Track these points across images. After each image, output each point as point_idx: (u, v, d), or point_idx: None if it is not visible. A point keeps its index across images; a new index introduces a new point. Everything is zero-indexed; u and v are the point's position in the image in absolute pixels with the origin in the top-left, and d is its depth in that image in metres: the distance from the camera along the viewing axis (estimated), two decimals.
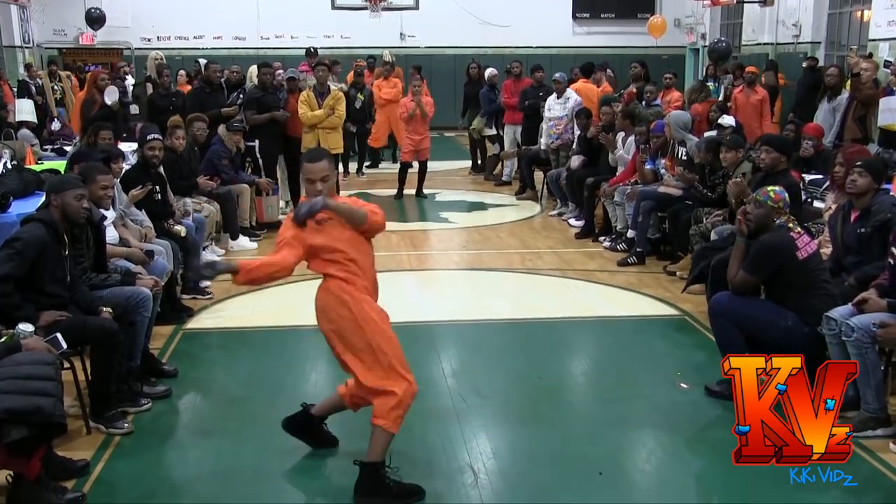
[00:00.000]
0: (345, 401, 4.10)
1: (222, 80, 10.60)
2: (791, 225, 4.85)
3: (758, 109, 10.53)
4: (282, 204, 10.32)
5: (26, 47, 19.03)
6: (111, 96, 9.81)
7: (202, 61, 11.72)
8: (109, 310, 4.62)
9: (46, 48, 19.91)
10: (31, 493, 3.69)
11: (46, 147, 10.40)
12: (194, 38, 20.40)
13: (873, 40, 13.42)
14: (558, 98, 10.80)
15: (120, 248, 5.64)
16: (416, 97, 11.39)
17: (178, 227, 6.71)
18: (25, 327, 3.99)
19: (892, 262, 4.55)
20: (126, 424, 4.54)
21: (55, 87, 14.97)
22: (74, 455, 4.16)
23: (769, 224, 4.81)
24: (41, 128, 11.58)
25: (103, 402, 4.53)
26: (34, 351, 3.84)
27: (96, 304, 4.61)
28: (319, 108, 9.84)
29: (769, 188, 4.95)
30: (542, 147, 10.98)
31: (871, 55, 11.66)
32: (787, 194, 4.94)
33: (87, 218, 4.69)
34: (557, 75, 11.17)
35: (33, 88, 14.25)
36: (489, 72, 13.18)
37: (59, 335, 4.11)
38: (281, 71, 10.77)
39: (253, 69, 11.18)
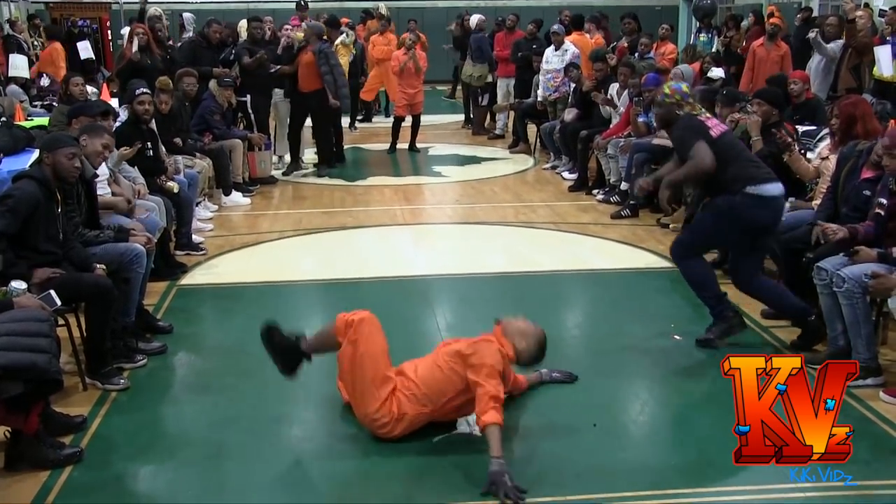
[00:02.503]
0: (338, 339, 3.95)
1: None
2: (696, 112, 4.97)
3: (779, 65, 9.55)
4: (275, 159, 10.26)
5: (11, 1, 18.66)
6: (85, 52, 9.60)
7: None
8: (103, 266, 4.61)
9: (33, 2, 19.56)
10: (30, 449, 3.72)
11: (36, 103, 10.30)
12: None
13: None
14: (556, 50, 10.71)
15: (106, 198, 5.59)
16: (411, 52, 11.29)
17: (170, 184, 6.68)
18: (18, 285, 3.98)
19: (880, 213, 4.56)
20: (122, 380, 4.56)
21: (34, 43, 14.68)
22: (72, 411, 4.19)
23: (673, 117, 4.97)
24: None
25: (99, 359, 4.54)
26: (27, 308, 3.85)
27: (90, 260, 4.60)
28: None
29: (664, 86, 5.17)
30: (539, 99, 10.92)
31: (866, 5, 11.54)
32: (683, 86, 5.07)
33: (79, 174, 4.66)
34: (555, 27, 11.07)
35: (24, 45, 14.03)
36: (478, 18, 12.99)
37: (52, 292, 4.11)
38: (289, 28, 10.61)
39: (243, 23, 11.04)
